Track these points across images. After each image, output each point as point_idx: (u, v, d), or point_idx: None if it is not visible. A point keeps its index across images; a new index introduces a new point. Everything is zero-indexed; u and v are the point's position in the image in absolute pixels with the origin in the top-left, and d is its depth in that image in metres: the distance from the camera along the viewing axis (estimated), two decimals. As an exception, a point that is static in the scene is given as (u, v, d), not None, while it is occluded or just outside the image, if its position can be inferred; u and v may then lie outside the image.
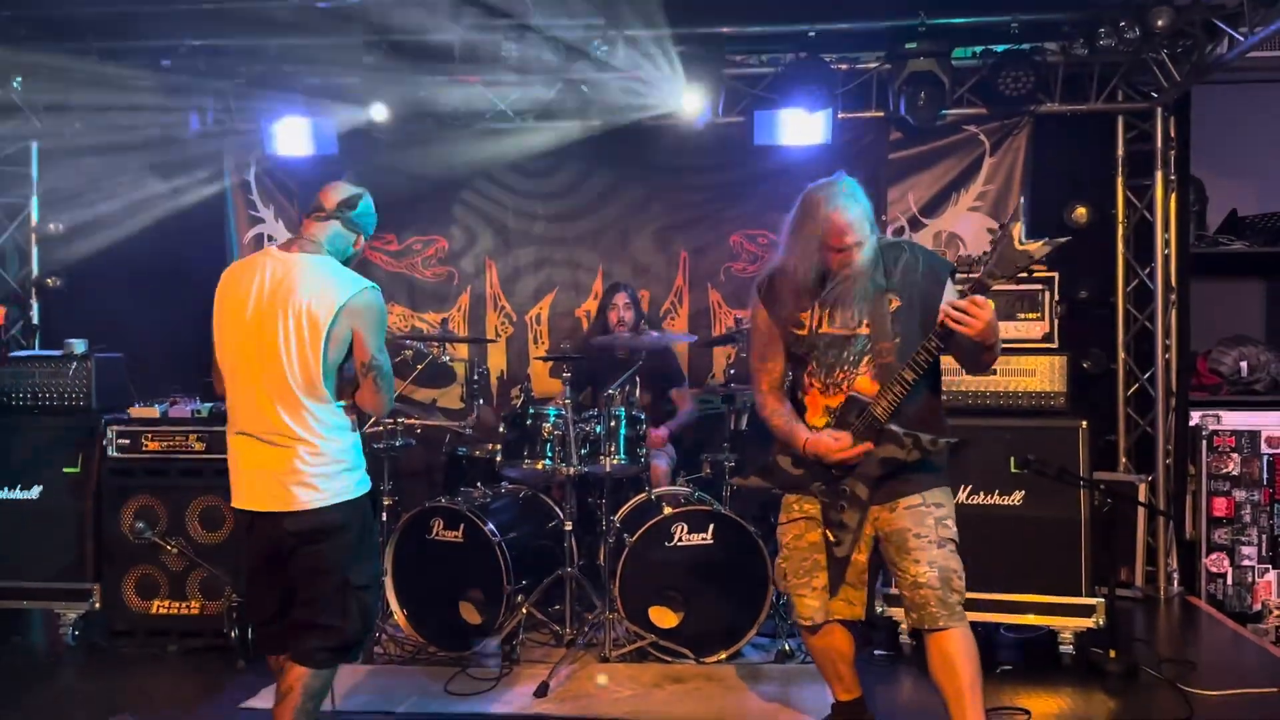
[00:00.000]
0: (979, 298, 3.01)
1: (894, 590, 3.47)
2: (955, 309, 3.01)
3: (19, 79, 6.02)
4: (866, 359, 3.28)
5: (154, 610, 4.99)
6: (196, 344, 6.52)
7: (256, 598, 3.42)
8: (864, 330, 3.27)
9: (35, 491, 5.12)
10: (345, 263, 3.39)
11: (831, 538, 3.35)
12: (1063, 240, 3.07)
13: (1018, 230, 3.03)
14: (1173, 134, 6.07)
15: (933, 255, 3.44)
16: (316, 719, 3.30)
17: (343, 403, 3.29)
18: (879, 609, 4.63)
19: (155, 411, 5.09)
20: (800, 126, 5.93)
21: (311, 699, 3.24)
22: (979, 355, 3.21)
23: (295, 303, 3.17)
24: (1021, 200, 2.94)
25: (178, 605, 4.99)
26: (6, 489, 5.13)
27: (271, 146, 6.23)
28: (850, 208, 3.18)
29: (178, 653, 4.91)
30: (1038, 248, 3.00)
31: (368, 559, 3.38)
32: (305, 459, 3.19)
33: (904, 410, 3.20)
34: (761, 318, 3.46)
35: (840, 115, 5.99)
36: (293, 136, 6.16)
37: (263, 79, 5.96)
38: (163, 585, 4.99)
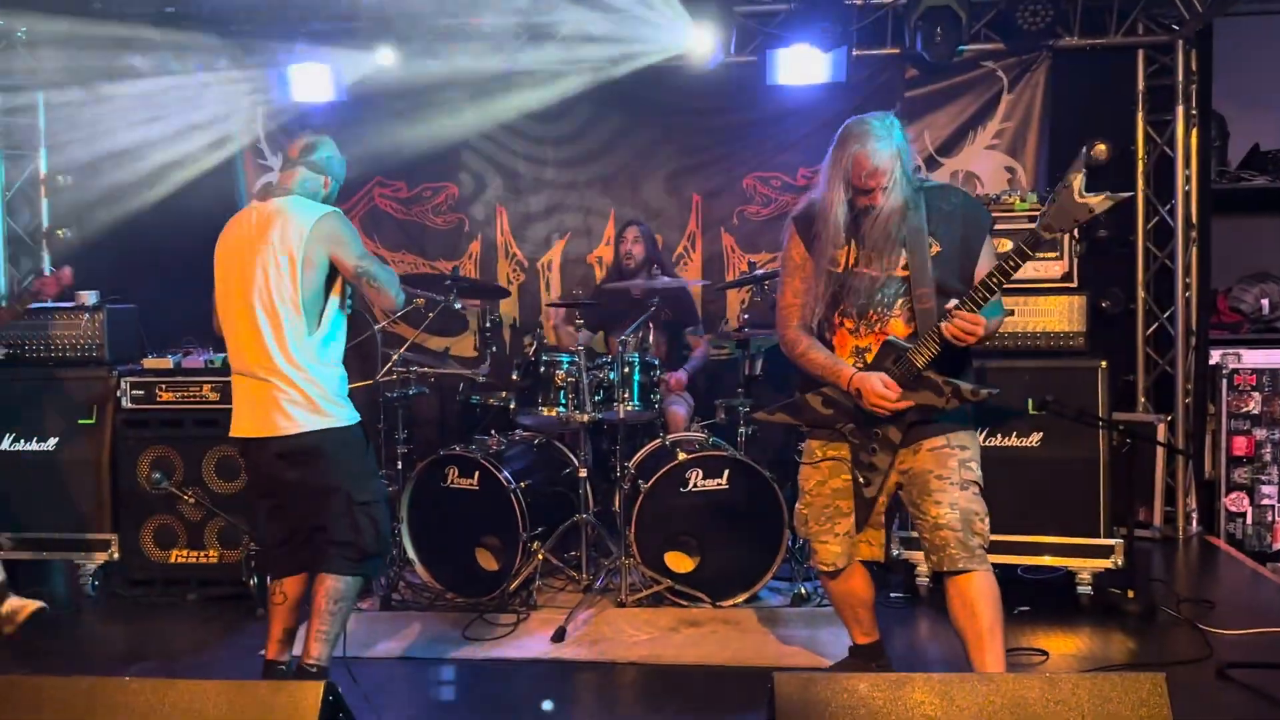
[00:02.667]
0: (975, 318, 3.01)
1: (911, 533, 3.44)
2: (953, 329, 3.03)
3: (24, 29, 5.95)
4: (901, 301, 3.24)
5: (172, 559, 5.02)
6: (206, 293, 6.58)
7: (262, 520, 3.77)
8: (900, 273, 3.22)
9: (52, 443, 5.14)
10: (325, 203, 3.64)
11: (861, 479, 3.31)
12: (1125, 196, 2.99)
13: (1078, 181, 2.90)
14: (1194, 67, 5.94)
15: (977, 205, 3.38)
16: (342, 626, 3.52)
17: (322, 334, 3.51)
18: (895, 552, 4.63)
19: (168, 362, 5.09)
20: (813, 65, 5.81)
21: (338, 601, 3.47)
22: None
23: (269, 240, 3.47)
24: (1084, 150, 2.84)
25: (196, 554, 5.01)
26: (23, 441, 5.14)
27: (280, 95, 6.16)
28: (880, 150, 3.12)
29: (197, 601, 4.95)
30: (1099, 201, 2.89)
31: (367, 478, 3.60)
32: (285, 390, 3.44)
33: (940, 357, 3.15)
34: (796, 251, 3.40)
35: (855, 52, 5.86)
36: (301, 84, 6.08)
37: (270, 26, 5.88)
38: (180, 535, 5.02)
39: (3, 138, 6.59)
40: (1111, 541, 4.49)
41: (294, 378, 3.45)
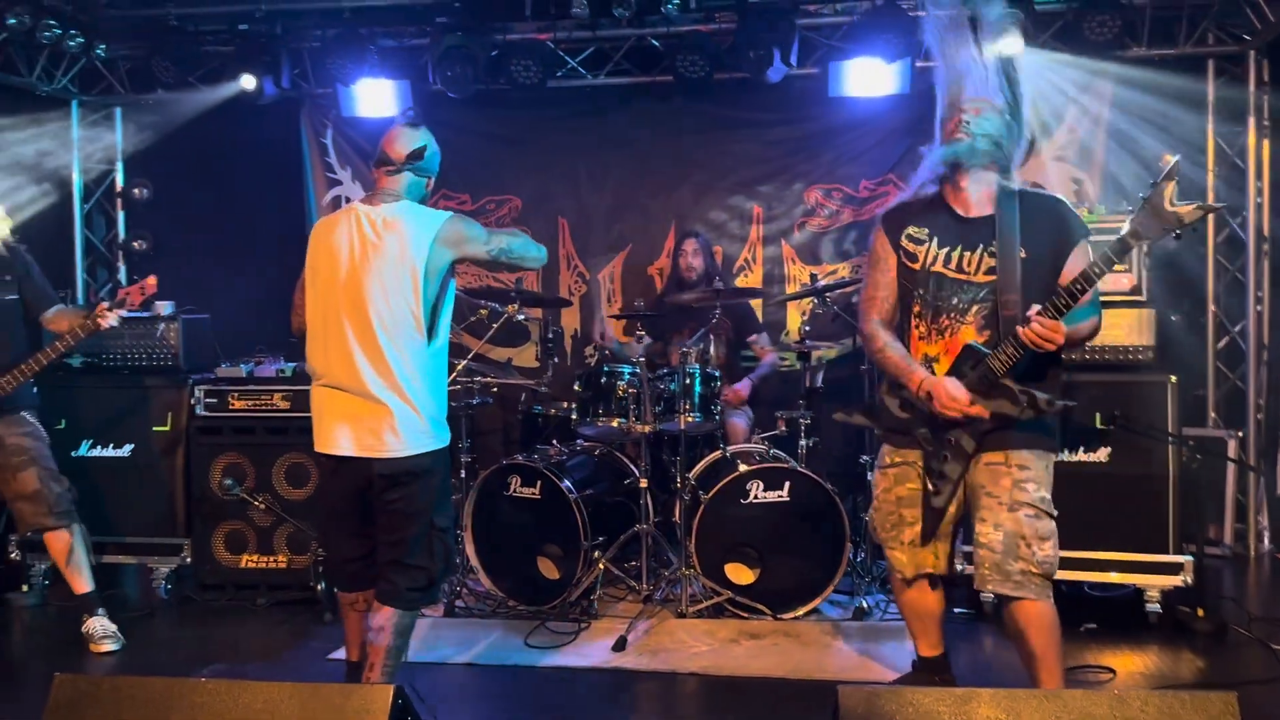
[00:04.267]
0: (1053, 324, 2.95)
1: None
2: (1030, 334, 2.97)
3: (103, 45, 6.13)
4: (977, 308, 3.19)
5: (243, 564, 5.13)
6: (278, 303, 6.70)
7: (338, 538, 3.55)
8: (982, 278, 3.18)
9: (127, 450, 5.27)
10: (422, 202, 3.51)
11: (931, 487, 3.28)
12: (1218, 206, 2.95)
13: (1170, 190, 2.84)
14: (1265, 78, 5.85)
15: (1070, 213, 3.29)
16: (403, 656, 3.45)
17: (438, 344, 3.40)
18: (959, 567, 4.59)
19: (241, 371, 5.21)
20: (876, 76, 5.80)
21: (401, 636, 3.39)
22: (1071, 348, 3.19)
23: (386, 252, 3.29)
24: (1177, 159, 2.81)
25: (266, 559, 5.12)
26: (100, 447, 5.29)
27: (348, 108, 6.28)
28: (972, 81, 3.17)
29: (266, 605, 5.04)
30: (1189, 211, 2.83)
31: (446, 502, 3.52)
32: (399, 409, 3.29)
33: (1019, 366, 3.10)
34: (881, 245, 3.39)
35: (919, 64, 5.84)
36: (368, 98, 6.20)
37: (338, 41, 6.00)
38: (251, 540, 5.12)
39: (82, 152, 6.79)
40: (1181, 559, 4.41)
41: (411, 396, 3.31)
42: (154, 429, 5.25)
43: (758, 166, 6.47)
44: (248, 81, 6.03)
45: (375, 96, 6.17)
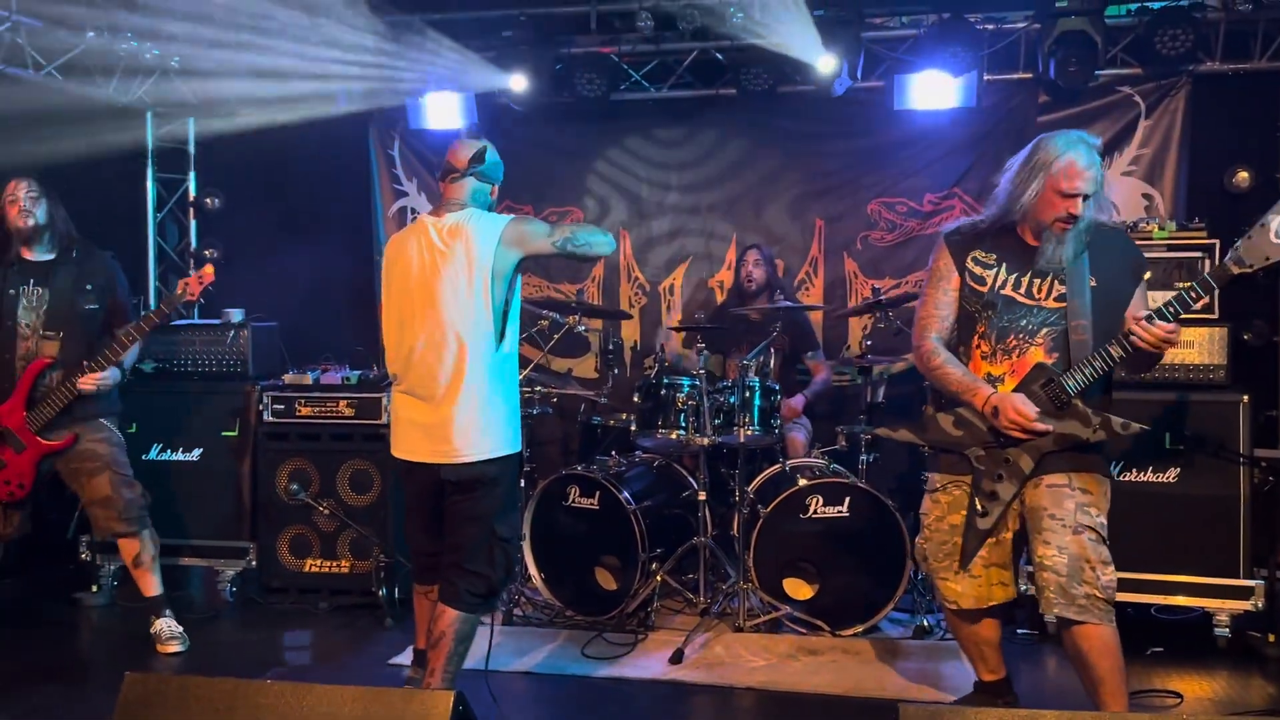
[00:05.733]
0: (1172, 326, 2.96)
1: (1029, 566, 3.37)
2: (1150, 334, 2.97)
3: (178, 57, 6.28)
4: (1045, 331, 3.19)
5: (306, 568, 5.21)
6: (344, 312, 6.82)
7: (414, 531, 3.73)
8: (1052, 304, 3.19)
9: (196, 454, 5.39)
10: (488, 210, 3.61)
11: (979, 507, 3.24)
12: None
13: (1277, 222, 2.85)
14: (1342, 93, 5.70)
15: (1136, 249, 3.36)
16: (463, 662, 3.53)
17: (508, 349, 3.49)
18: (1023, 587, 4.53)
19: (307, 378, 5.30)
20: (942, 90, 5.75)
21: (462, 642, 3.47)
22: (1142, 367, 3.19)
23: (455, 257, 3.42)
24: None
25: (329, 564, 5.19)
26: (169, 451, 5.41)
27: (415, 121, 6.37)
28: (1087, 156, 3.12)
29: (328, 610, 5.12)
30: None
31: (512, 511, 3.60)
32: (468, 413, 3.41)
33: (1090, 389, 3.11)
34: (944, 262, 3.37)
35: (985, 77, 5.79)
36: (435, 110, 6.28)
37: (406, 54, 6.09)
38: (315, 545, 5.21)
39: (155, 162, 6.95)
40: (1252, 583, 4.32)
41: (480, 399, 3.41)
42: (222, 434, 5.36)
43: (820, 179, 6.44)
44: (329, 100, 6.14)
45: (442, 109, 6.26)
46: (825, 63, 5.68)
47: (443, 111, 6.26)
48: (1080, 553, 3.09)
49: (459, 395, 3.41)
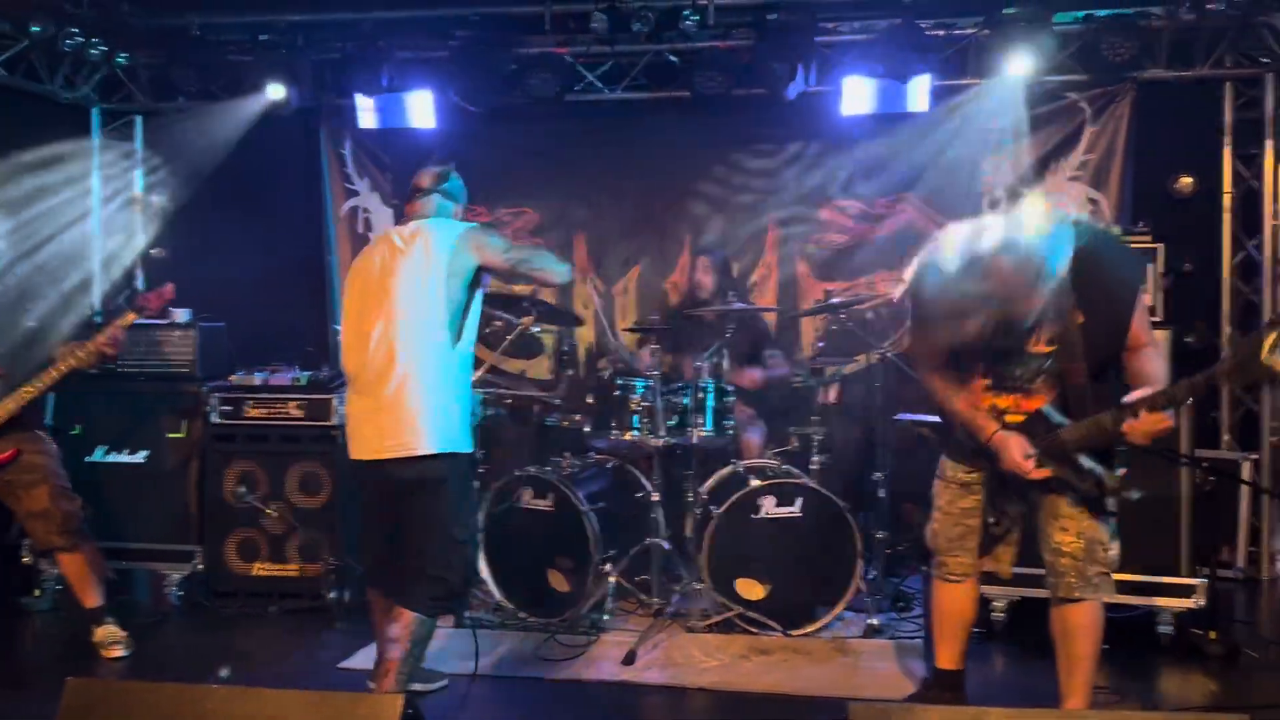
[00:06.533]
0: (1163, 417, 2.89)
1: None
2: (1141, 430, 2.93)
3: (124, 54, 6.19)
4: (1043, 378, 3.19)
5: (255, 572, 5.15)
6: (294, 313, 6.75)
7: (369, 538, 3.76)
8: (1042, 349, 3.16)
9: (142, 455, 5.31)
10: None
11: (992, 519, 3.34)
12: None
13: (1270, 341, 2.68)
14: (1282, 101, 5.83)
15: (1123, 261, 3.26)
16: (419, 664, 3.56)
17: (462, 350, 3.55)
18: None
19: (256, 379, 5.24)
20: (894, 95, 5.80)
21: (418, 645, 3.48)
22: None
23: (412, 255, 3.51)
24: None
25: (277, 567, 5.14)
26: (115, 453, 5.32)
27: (367, 120, 6.31)
28: (1037, 287, 2.92)
29: (277, 613, 5.06)
30: None
31: (468, 514, 3.62)
32: (419, 409, 3.43)
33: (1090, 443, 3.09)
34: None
35: (936, 82, 5.85)
36: (387, 110, 6.23)
37: (357, 53, 6.04)
38: (263, 548, 5.15)
39: (101, 159, 6.83)
40: (1193, 581, 4.40)
41: (429, 395, 3.45)
42: (169, 436, 5.29)
43: (773, 182, 6.46)
44: (276, 92, 6.06)
45: (394, 108, 6.21)
46: (782, 69, 5.72)
47: (395, 110, 6.21)
48: (1095, 535, 3.20)
49: (410, 388, 3.44)
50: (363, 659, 4.14)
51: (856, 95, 5.87)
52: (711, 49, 5.88)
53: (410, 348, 3.45)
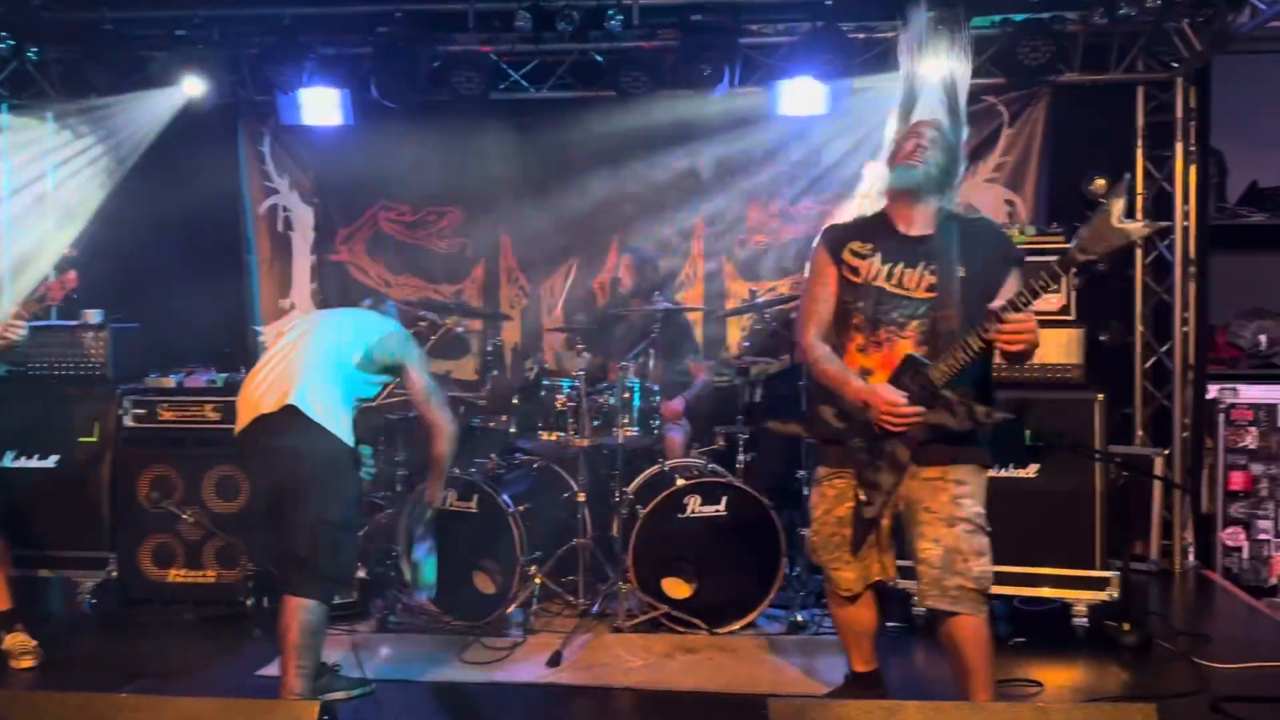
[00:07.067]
0: (1028, 317, 2.99)
1: (907, 562, 3.45)
2: (1000, 330, 3.00)
3: (35, 49, 6.01)
4: (916, 323, 3.24)
5: (170, 578, 5.04)
6: (212, 314, 6.61)
7: (264, 534, 3.90)
8: (923, 294, 3.23)
9: (53, 460, 5.16)
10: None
11: (863, 497, 3.30)
12: (1163, 225, 2.97)
13: (1118, 207, 2.88)
14: (1193, 104, 5.98)
15: (1005, 238, 3.44)
16: (317, 658, 3.59)
17: (361, 379, 3.85)
18: (892, 582, 4.63)
19: (171, 381, 5.12)
20: (817, 96, 5.87)
21: (311, 635, 3.51)
22: (1016, 358, 3.19)
23: (352, 314, 4.10)
24: (1127, 176, 2.87)
25: (194, 574, 5.03)
26: (24, 458, 5.16)
27: (287, 117, 6.21)
28: (931, 117, 3.30)
29: (194, 620, 4.95)
30: (1137, 227, 2.88)
31: (341, 500, 3.64)
32: (298, 378, 3.65)
33: (958, 378, 3.15)
34: (821, 256, 3.42)
35: (858, 84, 5.90)
36: (307, 107, 6.13)
37: (277, 49, 5.94)
38: (179, 554, 5.03)
39: (11, 156, 6.63)
40: (1107, 574, 4.49)
41: (319, 382, 3.66)
42: (80, 440, 5.15)
43: (699, 182, 6.50)
44: (193, 87, 5.93)
45: (315, 105, 6.11)
46: (704, 69, 5.73)
47: (316, 107, 6.11)
48: (954, 545, 3.17)
49: (301, 377, 3.65)
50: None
51: (781, 96, 5.92)
52: (637, 49, 5.88)
53: (312, 361, 3.70)
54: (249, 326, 6.61)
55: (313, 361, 3.70)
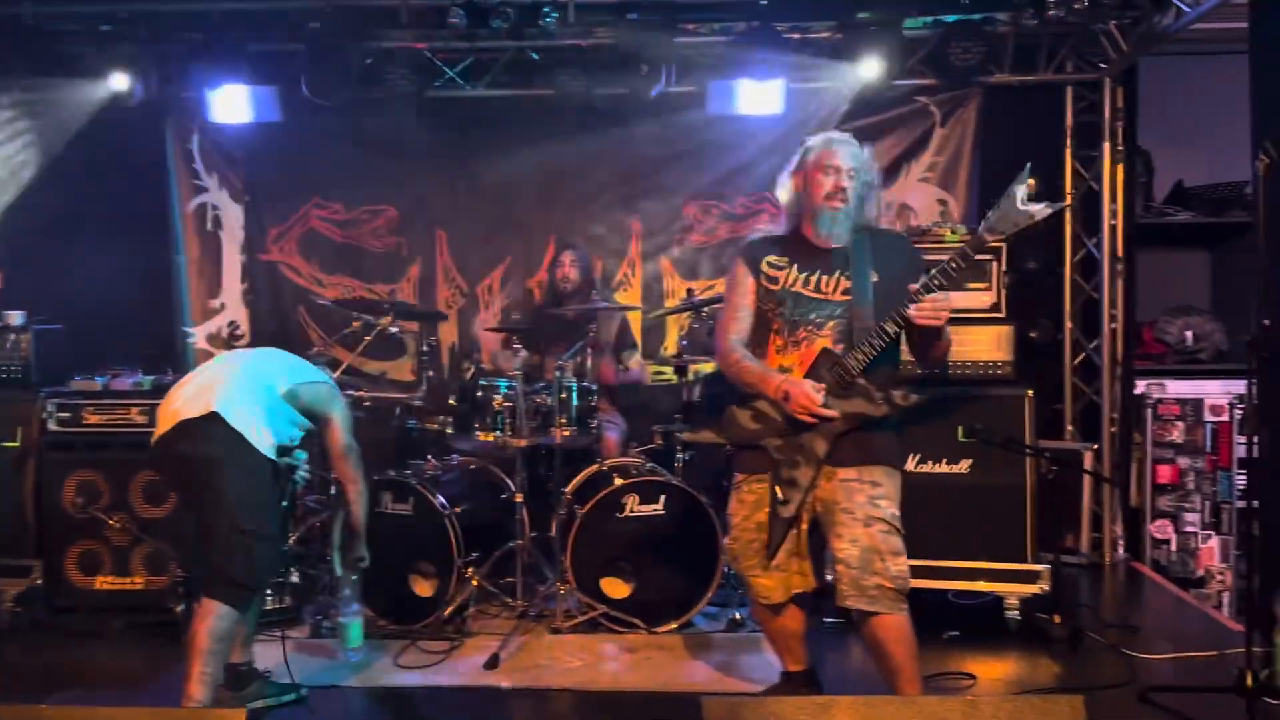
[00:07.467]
0: (943, 296, 3.14)
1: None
2: (920, 308, 3.13)
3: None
4: (833, 323, 3.32)
5: (97, 586, 4.92)
6: (139, 316, 6.47)
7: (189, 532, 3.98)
8: (839, 297, 3.32)
9: (-27, 466, 5.01)
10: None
11: (780, 495, 3.32)
12: (1064, 205, 3.12)
13: (1022, 190, 3.11)
14: (1120, 105, 6.11)
15: (915, 249, 3.59)
16: (223, 663, 3.57)
17: (284, 405, 3.83)
18: (829, 577, 4.67)
19: (96, 384, 5.00)
20: (753, 96, 5.89)
21: (218, 640, 3.49)
22: (930, 349, 3.34)
23: (285, 355, 4.10)
24: (1028, 165, 3.12)
25: (122, 581, 4.91)
26: (-56, 463, 5.01)
27: (215, 114, 6.09)
28: (842, 144, 3.37)
29: (122, 628, 4.83)
30: (1040, 209, 3.11)
31: (259, 508, 3.63)
32: (217, 396, 3.63)
33: (873, 369, 3.24)
34: (740, 270, 3.50)
35: (793, 84, 5.95)
36: (236, 104, 6.02)
37: (206, 45, 5.83)
38: (106, 560, 4.91)
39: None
40: (1038, 567, 4.56)
41: (242, 400, 3.66)
42: (2, 444, 4.99)
43: (637, 182, 6.49)
44: (119, 82, 5.79)
45: (244, 102, 6.00)
46: (643, 68, 5.74)
47: (245, 105, 6.00)
48: (871, 544, 3.21)
49: (227, 389, 3.67)
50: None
51: (717, 96, 5.94)
52: (573, 47, 5.87)
53: (236, 381, 3.73)
54: (177, 328, 6.47)
55: (240, 379, 3.73)
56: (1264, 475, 4.04)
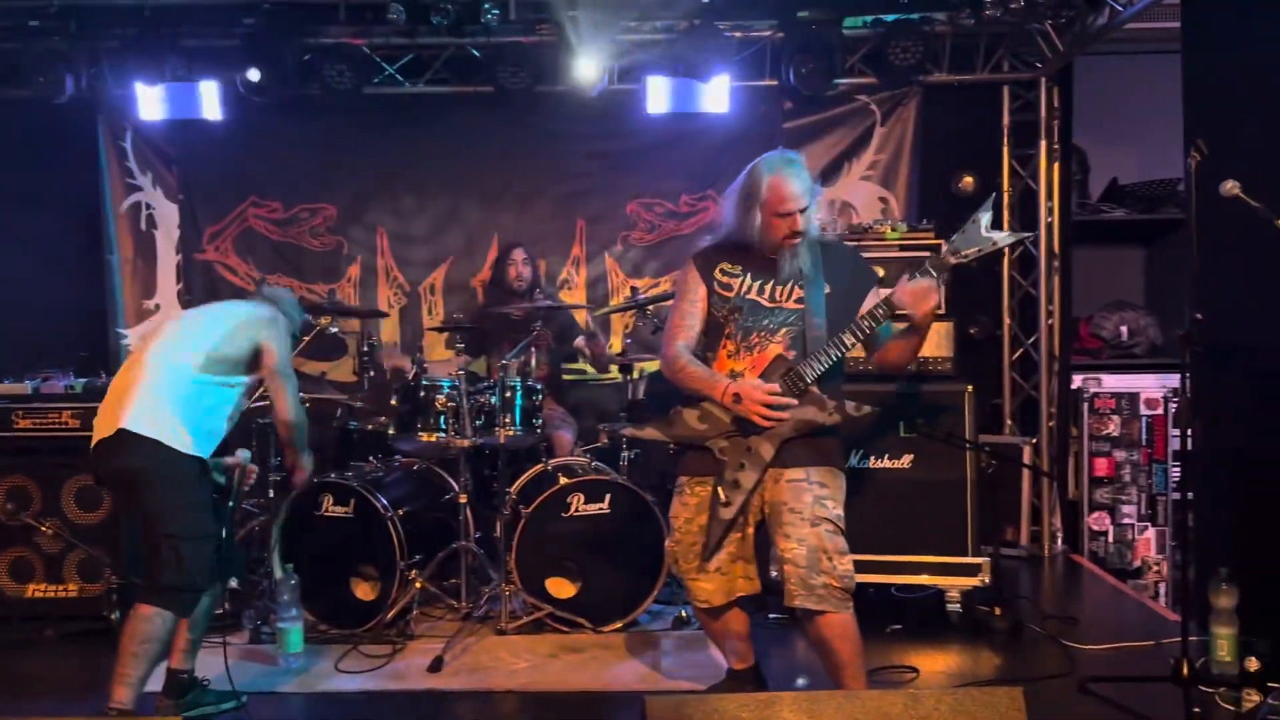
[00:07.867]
0: (929, 283, 3.19)
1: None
2: (908, 292, 3.19)
3: None
4: (785, 330, 3.33)
5: (29, 594, 4.79)
6: (71, 317, 6.33)
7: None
8: (792, 305, 3.34)
9: (-102, 473, 4.86)
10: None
11: (722, 496, 3.32)
12: (1027, 235, 3.11)
13: (986, 217, 3.22)
14: (1056, 104, 6.21)
15: (861, 258, 3.63)
16: (151, 667, 3.53)
17: (207, 381, 3.72)
18: (773, 573, 4.68)
19: (26, 388, 4.88)
20: (695, 94, 5.90)
21: (144, 643, 3.47)
22: (911, 348, 3.35)
23: (222, 306, 4.18)
24: (995, 195, 3.26)
25: (55, 588, 4.79)
26: None
27: (150, 111, 5.97)
28: (793, 174, 3.29)
29: (55, 637, 4.71)
30: (1003, 236, 3.27)
31: (185, 510, 3.58)
32: (139, 397, 3.58)
33: (826, 377, 3.28)
34: (691, 276, 3.49)
35: (735, 83, 5.96)
36: (170, 101, 5.90)
37: (138, 41, 5.71)
38: (38, 567, 4.79)
39: None
40: (979, 560, 4.61)
41: (169, 394, 3.60)
42: (-73, 450, 4.86)
43: (580, 180, 6.47)
44: (48, 78, 5.65)
45: (179, 99, 5.89)
46: (584, 65, 5.72)
47: (181, 101, 5.89)
48: (818, 544, 3.22)
49: (133, 396, 3.58)
50: (149, 683, 3.90)
51: (659, 94, 5.93)
52: (514, 44, 5.84)
53: (173, 359, 3.68)
54: (111, 329, 6.34)
55: (147, 378, 3.64)
56: (1198, 467, 4.13)
